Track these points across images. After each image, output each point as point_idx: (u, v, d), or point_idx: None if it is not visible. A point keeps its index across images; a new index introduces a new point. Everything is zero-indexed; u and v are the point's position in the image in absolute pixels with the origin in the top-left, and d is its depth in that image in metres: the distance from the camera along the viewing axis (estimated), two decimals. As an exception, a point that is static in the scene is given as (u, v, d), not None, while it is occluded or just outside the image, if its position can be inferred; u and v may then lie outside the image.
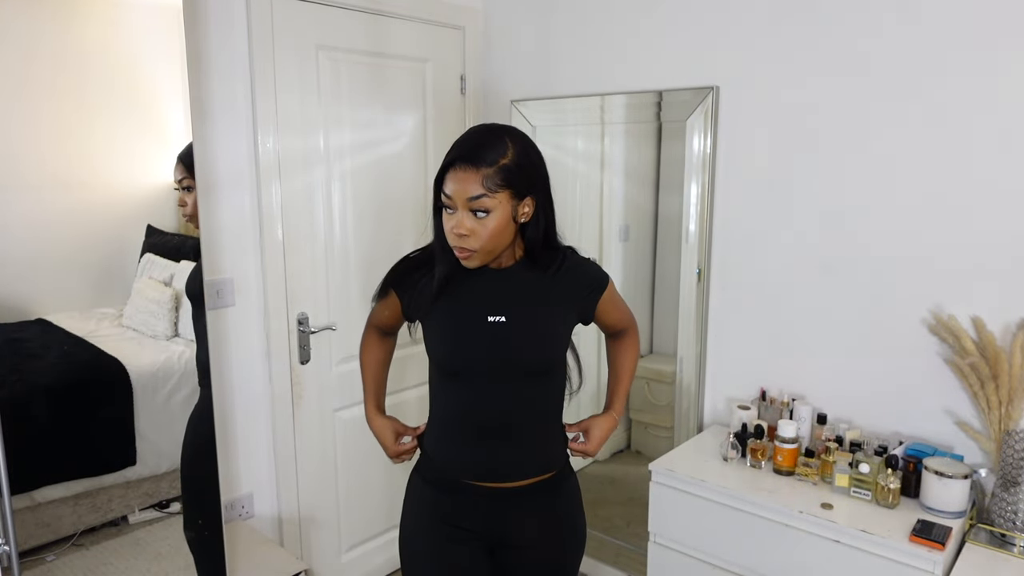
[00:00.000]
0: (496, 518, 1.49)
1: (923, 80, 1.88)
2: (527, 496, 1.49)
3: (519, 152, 1.34)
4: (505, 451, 1.47)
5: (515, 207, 1.35)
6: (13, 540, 1.29)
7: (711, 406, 2.42)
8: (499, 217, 1.33)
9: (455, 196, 1.32)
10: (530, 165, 1.37)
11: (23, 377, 1.71)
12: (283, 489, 2.39)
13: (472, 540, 1.50)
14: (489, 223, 1.33)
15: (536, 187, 1.38)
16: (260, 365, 2.31)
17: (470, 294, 1.44)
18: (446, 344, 1.45)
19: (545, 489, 1.51)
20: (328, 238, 2.43)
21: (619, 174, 2.89)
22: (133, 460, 1.91)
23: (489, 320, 1.42)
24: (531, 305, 1.44)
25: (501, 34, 2.78)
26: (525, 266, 1.45)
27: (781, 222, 2.18)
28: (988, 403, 1.80)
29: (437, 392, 1.53)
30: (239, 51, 2.14)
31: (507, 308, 1.43)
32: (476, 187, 1.30)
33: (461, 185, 1.31)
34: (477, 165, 1.30)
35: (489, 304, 1.43)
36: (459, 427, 1.48)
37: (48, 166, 1.73)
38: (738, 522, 1.92)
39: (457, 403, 1.48)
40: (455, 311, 1.45)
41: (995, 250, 1.83)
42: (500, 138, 1.35)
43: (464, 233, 1.33)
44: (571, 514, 1.57)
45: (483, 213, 1.32)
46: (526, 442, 1.48)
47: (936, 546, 1.63)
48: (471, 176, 1.30)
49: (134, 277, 1.94)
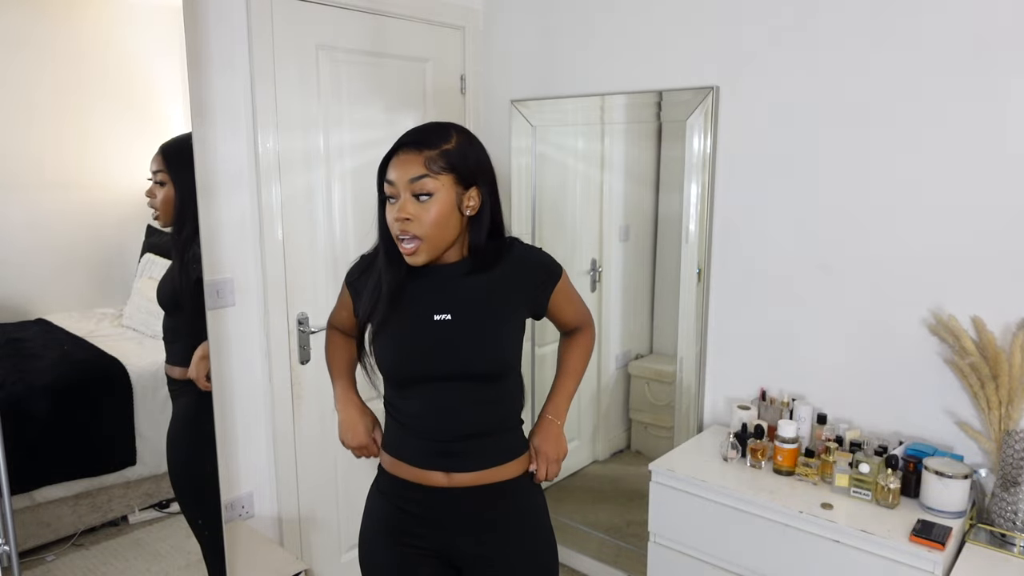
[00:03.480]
0: (454, 529, 1.42)
1: (923, 80, 1.89)
2: (484, 504, 1.42)
3: (462, 141, 1.35)
4: (458, 458, 1.40)
5: (459, 195, 1.34)
6: (13, 540, 1.29)
7: (711, 406, 2.42)
8: (442, 202, 1.31)
9: (397, 180, 1.31)
10: (474, 155, 1.36)
11: (23, 377, 1.71)
12: (283, 489, 2.39)
13: (429, 556, 1.44)
14: (432, 207, 1.30)
15: (481, 179, 1.37)
16: (260, 365, 2.31)
17: (415, 293, 1.40)
18: (393, 346, 1.41)
19: (503, 496, 1.44)
20: (328, 238, 2.43)
21: (619, 174, 2.89)
22: (133, 460, 1.91)
23: (435, 319, 1.38)
24: (477, 303, 1.39)
25: (501, 34, 2.78)
26: (471, 264, 1.41)
27: (781, 222, 2.18)
28: (988, 403, 1.81)
29: (390, 398, 1.47)
30: (239, 51, 2.14)
31: (452, 306, 1.38)
32: (418, 168, 1.30)
33: (403, 168, 1.31)
34: (419, 148, 1.31)
35: (434, 303, 1.39)
36: (413, 433, 1.42)
37: (48, 166, 1.72)
38: (738, 522, 1.92)
39: (409, 408, 1.42)
40: (400, 313, 1.40)
41: (995, 250, 1.83)
42: (444, 127, 1.36)
43: (406, 217, 1.30)
44: (533, 528, 1.48)
45: (426, 196, 1.30)
46: (480, 448, 1.41)
47: (936, 546, 1.63)
48: (413, 158, 1.30)
49: (134, 277, 1.94)
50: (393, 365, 1.42)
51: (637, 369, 3.03)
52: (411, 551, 1.44)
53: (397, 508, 1.45)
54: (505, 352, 1.42)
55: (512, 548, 1.45)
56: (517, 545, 1.45)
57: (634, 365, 3.04)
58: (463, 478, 1.40)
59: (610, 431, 3.13)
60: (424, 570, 1.44)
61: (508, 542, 1.44)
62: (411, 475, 1.43)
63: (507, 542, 1.44)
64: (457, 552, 1.44)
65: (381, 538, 1.47)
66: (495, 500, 1.43)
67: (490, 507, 1.43)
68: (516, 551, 1.45)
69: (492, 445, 1.43)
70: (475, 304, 1.39)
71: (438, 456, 1.40)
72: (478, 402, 1.40)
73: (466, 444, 1.40)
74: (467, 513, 1.42)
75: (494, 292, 1.40)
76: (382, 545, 1.46)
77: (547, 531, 1.51)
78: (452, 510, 1.41)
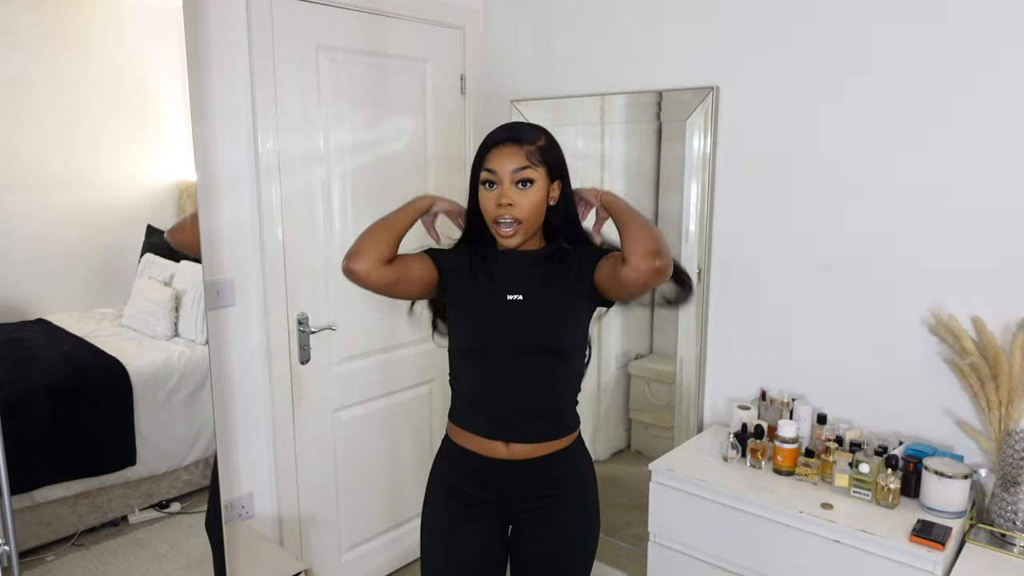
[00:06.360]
0: (511, 494, 1.57)
1: (923, 80, 1.89)
2: (539, 472, 1.56)
3: (550, 140, 1.52)
4: (518, 430, 1.54)
5: (548, 187, 1.50)
6: (13, 540, 1.29)
7: (711, 406, 2.42)
8: (539, 190, 1.48)
9: (500, 170, 1.46)
10: (560, 153, 1.53)
11: (23, 377, 1.71)
12: (283, 489, 2.39)
13: (487, 517, 1.59)
14: (531, 194, 1.47)
15: (562, 174, 1.53)
16: (260, 365, 2.31)
17: (494, 273, 1.56)
18: (468, 318, 1.56)
19: (557, 464, 1.58)
20: (328, 238, 2.43)
21: (619, 174, 2.89)
22: (133, 460, 1.91)
23: (508, 299, 1.53)
24: (546, 287, 1.53)
25: (501, 34, 2.78)
26: (546, 251, 1.56)
27: (781, 222, 2.18)
28: (988, 403, 1.80)
29: (457, 372, 1.61)
30: (239, 51, 2.14)
31: (525, 288, 1.53)
32: (521, 159, 1.46)
33: (507, 160, 1.46)
34: (520, 143, 1.47)
35: (509, 284, 1.54)
36: (477, 406, 1.58)
37: (48, 166, 1.72)
38: (738, 522, 1.92)
39: (475, 380, 1.57)
40: (479, 290, 1.55)
41: (995, 250, 1.83)
42: (535, 127, 1.54)
43: (509, 203, 1.45)
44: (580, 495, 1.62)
45: (527, 184, 1.46)
46: (538, 422, 1.56)
47: (936, 546, 1.63)
48: (516, 151, 1.46)
49: (134, 277, 1.94)
50: (467, 335, 1.57)
51: (637, 369, 3.03)
52: (472, 512, 1.59)
53: (460, 473, 1.60)
54: (566, 334, 1.55)
55: (560, 512, 1.59)
56: (565, 509, 1.59)
57: (634, 365, 3.04)
58: (521, 449, 1.55)
59: (610, 431, 3.12)
60: (482, 529, 1.60)
61: (556, 506, 1.59)
62: (474, 445, 1.57)
63: (555, 506, 1.58)
64: (511, 514, 1.60)
65: (443, 502, 1.62)
66: (549, 468, 1.57)
67: (544, 474, 1.57)
68: (564, 514, 1.59)
69: (549, 419, 1.58)
70: (544, 288, 1.53)
71: (500, 427, 1.55)
72: (538, 378, 1.54)
73: (525, 418, 1.55)
74: (524, 480, 1.56)
75: (563, 279, 1.54)
76: (444, 508, 1.62)
77: (593, 497, 1.66)
78: (510, 478, 1.56)
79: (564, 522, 1.59)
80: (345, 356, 2.52)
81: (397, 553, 2.83)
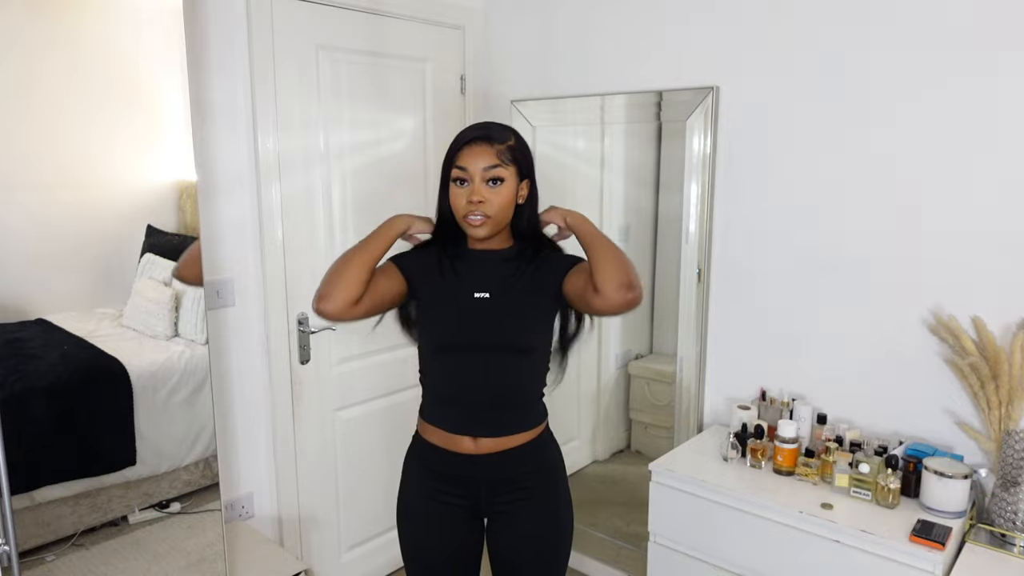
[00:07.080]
0: (480, 487, 1.60)
1: (923, 80, 1.89)
2: (506, 465, 1.59)
3: (519, 140, 1.57)
4: (485, 425, 1.57)
5: (517, 185, 1.53)
6: (13, 540, 1.29)
7: (711, 406, 2.42)
8: (508, 189, 1.51)
9: (471, 168, 1.49)
10: (528, 152, 1.58)
11: (23, 377, 1.71)
12: (283, 489, 2.39)
13: (459, 511, 1.62)
14: (502, 192, 1.50)
15: (530, 173, 1.58)
16: (260, 365, 2.31)
17: (462, 272, 1.59)
18: (436, 314, 1.58)
19: (523, 457, 1.60)
20: (328, 238, 2.43)
21: (619, 174, 2.89)
22: (133, 460, 1.91)
23: (475, 296, 1.56)
24: (512, 285, 1.56)
25: (501, 34, 2.78)
26: (513, 251, 1.60)
27: (781, 222, 2.18)
28: (988, 403, 1.81)
29: (427, 368, 1.63)
30: (239, 51, 2.14)
31: (491, 286, 1.56)
32: (492, 158, 1.49)
33: (478, 158, 1.49)
34: (491, 142, 1.51)
35: (476, 282, 1.57)
36: (445, 401, 1.61)
37: (48, 166, 1.72)
38: (738, 522, 1.92)
39: (443, 375, 1.60)
40: (447, 289, 1.58)
41: (995, 250, 1.83)
42: (504, 127, 1.58)
43: (480, 200, 1.48)
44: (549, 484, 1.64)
45: (497, 182, 1.49)
46: (504, 417, 1.59)
47: (936, 546, 1.63)
48: (487, 150, 1.50)
49: (134, 277, 1.93)
50: (435, 333, 1.59)
51: (637, 369, 3.03)
52: (443, 508, 1.62)
53: (430, 469, 1.63)
54: (532, 331, 1.59)
55: (532, 503, 1.62)
56: (537, 501, 1.62)
57: (634, 365, 3.04)
58: (488, 443, 1.57)
59: (610, 431, 3.13)
60: (455, 523, 1.63)
61: (528, 497, 1.61)
62: (442, 440, 1.60)
63: (527, 497, 1.61)
64: (484, 508, 1.63)
65: (416, 497, 1.65)
66: (517, 461, 1.60)
67: (512, 467, 1.60)
68: (536, 506, 1.62)
69: (515, 414, 1.60)
70: (511, 287, 1.56)
71: (467, 423, 1.58)
72: (504, 374, 1.57)
73: (492, 413, 1.58)
74: (492, 474, 1.59)
75: (528, 278, 1.57)
76: (417, 503, 1.65)
77: (563, 487, 1.68)
78: (479, 472, 1.59)
79: (537, 514, 1.62)
80: (345, 356, 2.52)
81: (397, 553, 2.81)
